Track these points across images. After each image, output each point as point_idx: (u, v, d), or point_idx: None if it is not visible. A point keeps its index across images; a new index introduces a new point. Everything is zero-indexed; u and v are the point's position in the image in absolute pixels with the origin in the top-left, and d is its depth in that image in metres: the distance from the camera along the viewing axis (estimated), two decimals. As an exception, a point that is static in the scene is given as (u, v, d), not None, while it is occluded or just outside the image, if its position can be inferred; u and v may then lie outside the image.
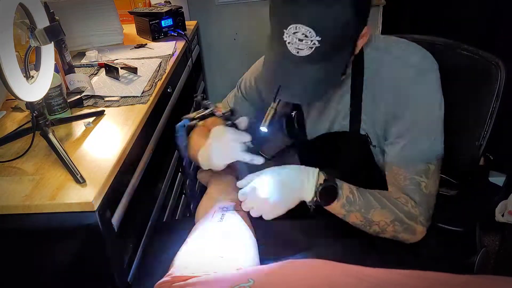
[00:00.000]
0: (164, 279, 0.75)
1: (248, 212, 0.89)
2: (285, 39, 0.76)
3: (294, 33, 0.74)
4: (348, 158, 1.01)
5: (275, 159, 1.31)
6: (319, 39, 0.74)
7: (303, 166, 0.89)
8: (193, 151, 1.02)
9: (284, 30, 0.75)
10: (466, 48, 1.04)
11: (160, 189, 1.23)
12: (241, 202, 0.90)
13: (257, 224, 0.93)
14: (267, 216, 0.87)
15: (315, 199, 0.86)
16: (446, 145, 0.91)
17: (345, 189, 0.88)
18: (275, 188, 0.86)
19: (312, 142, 1.05)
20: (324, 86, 0.83)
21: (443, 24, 1.86)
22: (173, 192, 1.36)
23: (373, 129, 0.92)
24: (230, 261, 0.79)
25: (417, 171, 0.88)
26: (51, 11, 1.17)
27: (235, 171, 1.16)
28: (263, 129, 0.89)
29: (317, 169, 0.88)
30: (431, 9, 1.89)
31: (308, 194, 0.86)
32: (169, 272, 0.78)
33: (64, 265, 0.87)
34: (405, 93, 0.86)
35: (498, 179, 1.82)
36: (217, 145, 0.91)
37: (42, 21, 0.87)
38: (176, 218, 1.41)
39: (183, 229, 0.95)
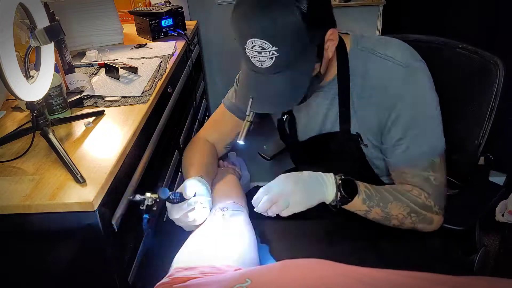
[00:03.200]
0: (164, 280, 0.75)
1: (249, 212, 0.89)
2: (247, 54, 0.79)
3: (252, 47, 0.77)
4: (340, 158, 1.01)
5: (275, 159, 1.31)
6: (276, 48, 0.76)
7: (319, 172, 0.90)
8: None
9: (245, 46, 0.79)
10: (465, 47, 1.04)
11: (160, 189, 1.23)
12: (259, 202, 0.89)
13: (256, 224, 0.93)
14: (289, 210, 0.86)
15: (339, 194, 0.87)
16: (446, 144, 0.91)
17: (361, 185, 0.90)
18: (299, 185, 0.87)
19: (304, 144, 1.06)
20: (293, 93, 0.84)
21: (443, 23, 1.87)
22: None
23: (365, 127, 0.93)
24: (229, 260, 0.79)
25: (423, 167, 0.89)
26: (51, 11, 1.18)
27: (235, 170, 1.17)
28: (241, 142, 0.91)
29: (332, 173, 0.90)
30: (431, 8, 1.89)
31: (329, 194, 0.88)
32: (169, 273, 0.78)
33: (64, 265, 0.87)
34: (397, 93, 0.86)
35: (498, 179, 1.83)
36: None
37: (42, 21, 0.87)
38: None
39: (183, 229, 0.95)
